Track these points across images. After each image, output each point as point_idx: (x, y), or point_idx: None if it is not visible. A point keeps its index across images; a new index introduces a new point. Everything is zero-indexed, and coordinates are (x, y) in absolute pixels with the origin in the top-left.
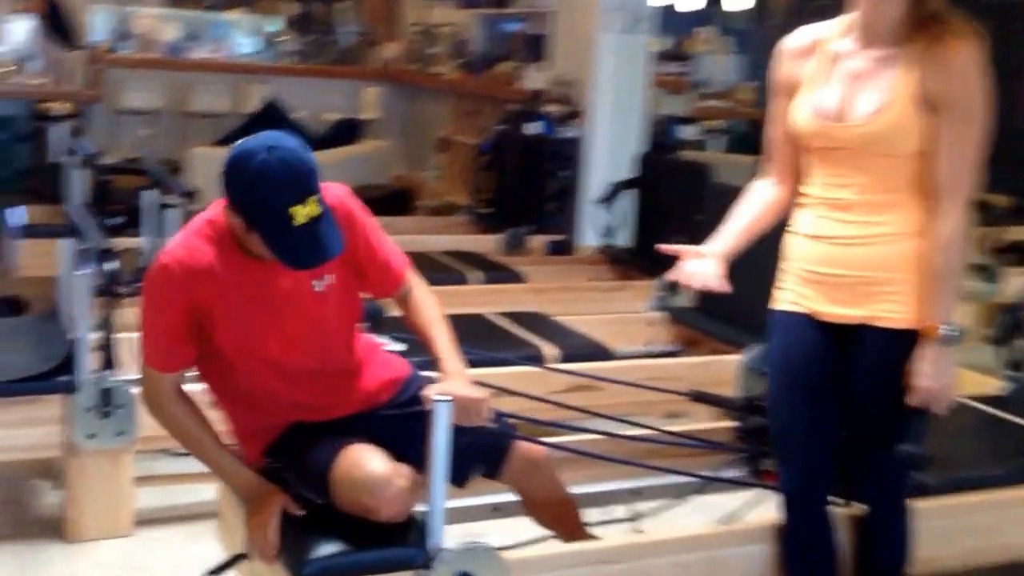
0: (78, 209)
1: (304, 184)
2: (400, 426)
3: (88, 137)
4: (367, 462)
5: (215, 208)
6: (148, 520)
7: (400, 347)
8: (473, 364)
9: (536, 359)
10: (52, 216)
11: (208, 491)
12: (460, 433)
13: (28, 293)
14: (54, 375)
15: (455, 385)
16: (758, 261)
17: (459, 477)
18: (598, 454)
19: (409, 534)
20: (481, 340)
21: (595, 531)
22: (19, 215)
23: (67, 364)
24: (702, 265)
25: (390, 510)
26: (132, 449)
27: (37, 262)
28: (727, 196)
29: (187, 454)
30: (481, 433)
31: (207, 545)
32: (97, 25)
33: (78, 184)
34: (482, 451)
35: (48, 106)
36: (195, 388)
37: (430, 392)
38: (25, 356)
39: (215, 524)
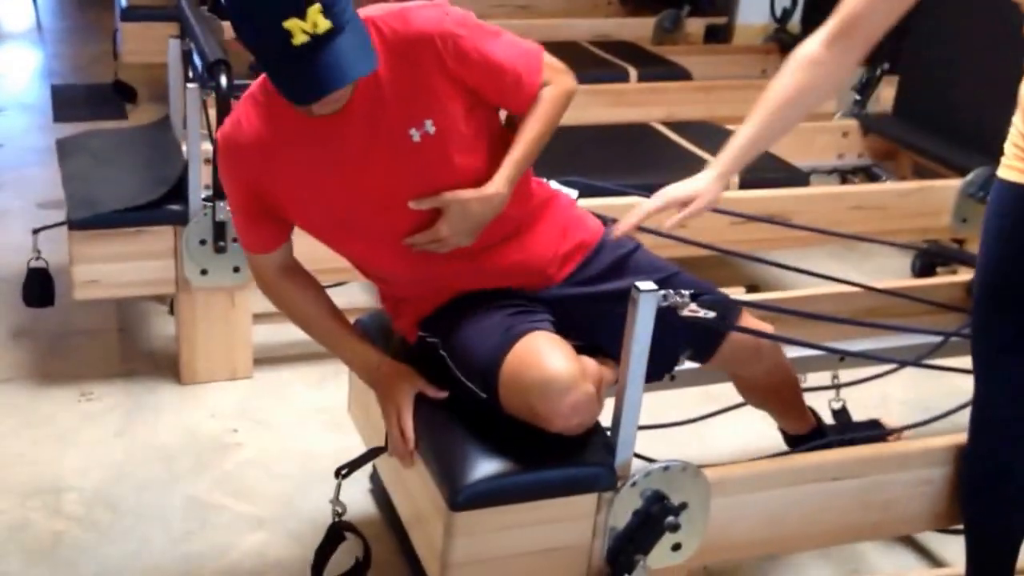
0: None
1: None
2: (589, 304)
3: None
4: (546, 358)
5: None
6: (267, 359)
7: (570, 194)
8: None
9: None
10: None
11: None
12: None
13: (136, 80)
14: (163, 203)
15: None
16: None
17: (659, 370)
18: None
19: (590, 447)
20: (648, 158)
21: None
22: None
23: (179, 190)
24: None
25: (566, 422)
26: (248, 287)
27: (144, 47)
28: None
29: None
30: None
31: (331, 392)
32: None
33: None
34: (690, 332)
35: None
36: None
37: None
38: (134, 179)
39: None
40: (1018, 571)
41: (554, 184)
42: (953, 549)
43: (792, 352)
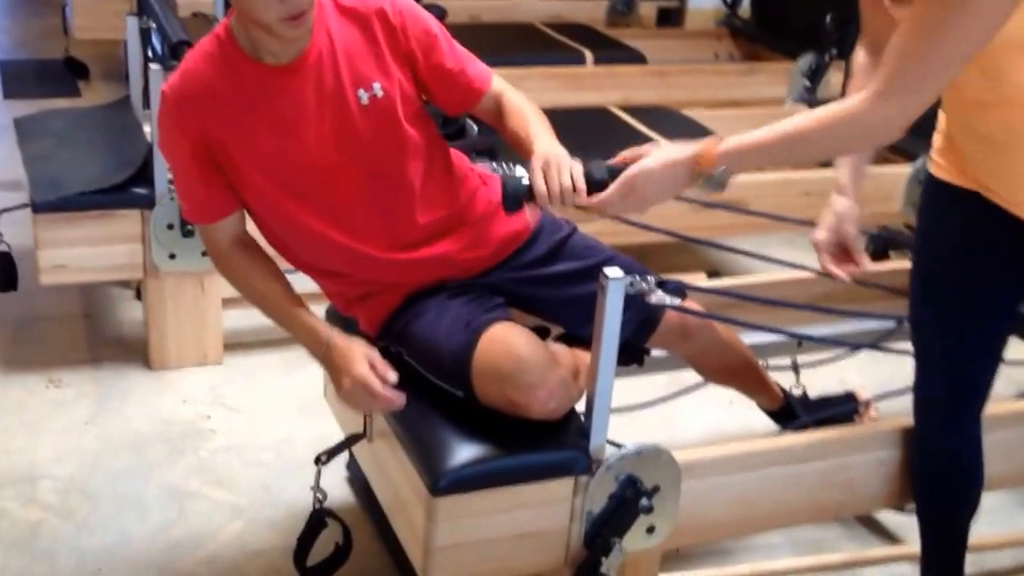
0: None
1: None
2: (534, 287)
3: None
4: (515, 348)
5: (223, 21)
6: (238, 344)
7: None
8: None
9: None
10: None
11: None
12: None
13: (87, 57)
14: (129, 186)
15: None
16: None
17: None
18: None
19: (566, 432)
20: (608, 143)
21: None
22: None
23: (144, 173)
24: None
25: (543, 408)
26: (217, 271)
27: (96, 23)
28: None
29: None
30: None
31: (302, 378)
32: None
33: None
34: (638, 316)
35: None
36: None
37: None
38: (98, 161)
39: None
40: (970, 547)
41: (491, 165)
42: (909, 527)
43: (750, 337)
